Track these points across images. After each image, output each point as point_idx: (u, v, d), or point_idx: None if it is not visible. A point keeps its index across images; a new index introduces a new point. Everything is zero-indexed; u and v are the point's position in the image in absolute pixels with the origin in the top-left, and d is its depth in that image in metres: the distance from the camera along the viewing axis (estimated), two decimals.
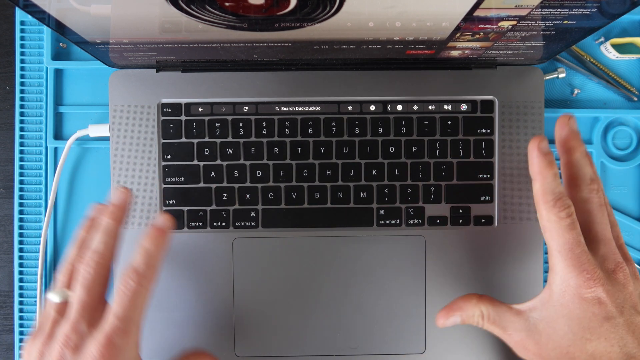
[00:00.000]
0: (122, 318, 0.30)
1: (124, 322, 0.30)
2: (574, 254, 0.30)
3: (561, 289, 0.31)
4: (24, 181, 0.45)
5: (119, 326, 0.29)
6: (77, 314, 0.31)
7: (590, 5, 0.29)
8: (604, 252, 0.31)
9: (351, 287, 0.41)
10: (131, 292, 0.30)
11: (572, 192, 0.33)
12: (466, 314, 0.34)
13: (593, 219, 0.32)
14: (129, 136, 0.41)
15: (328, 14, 0.30)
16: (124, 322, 0.30)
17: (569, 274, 0.30)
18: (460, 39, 0.35)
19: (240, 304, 0.41)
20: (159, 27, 0.32)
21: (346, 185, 0.42)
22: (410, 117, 0.42)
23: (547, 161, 0.32)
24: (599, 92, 0.46)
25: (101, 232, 0.33)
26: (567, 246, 0.30)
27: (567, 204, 0.31)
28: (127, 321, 0.30)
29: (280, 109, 0.42)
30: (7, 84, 0.46)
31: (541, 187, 0.32)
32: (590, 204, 0.32)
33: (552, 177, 0.32)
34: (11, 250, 0.45)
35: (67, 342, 0.30)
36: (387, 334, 0.41)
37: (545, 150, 0.33)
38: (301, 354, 0.41)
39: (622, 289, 0.30)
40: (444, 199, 0.42)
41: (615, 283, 0.30)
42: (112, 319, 0.30)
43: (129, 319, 0.30)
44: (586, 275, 0.30)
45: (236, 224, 0.41)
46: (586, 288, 0.30)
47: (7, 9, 0.46)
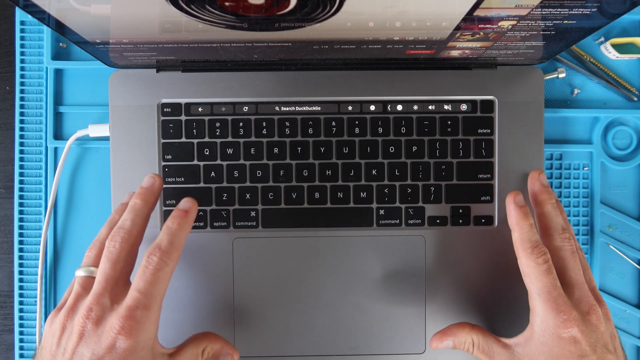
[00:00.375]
0: (144, 292, 0.31)
1: (146, 296, 0.31)
2: (552, 297, 0.33)
3: (541, 328, 0.33)
4: (24, 181, 0.45)
5: (140, 300, 0.30)
6: (100, 287, 0.32)
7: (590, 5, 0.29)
8: (578, 295, 0.34)
9: (351, 287, 0.41)
10: (154, 268, 0.31)
11: (546, 240, 0.36)
12: (458, 340, 0.36)
13: (567, 265, 0.35)
14: (129, 136, 0.41)
15: (328, 13, 0.30)
16: (146, 296, 0.31)
17: (547, 315, 0.33)
18: (460, 39, 0.35)
19: (240, 304, 0.41)
20: (159, 27, 0.32)
21: (346, 185, 0.41)
22: (410, 117, 0.42)
23: (523, 213, 0.36)
24: (599, 92, 0.46)
25: (129, 211, 0.34)
26: (545, 289, 0.33)
27: (544, 251, 0.34)
28: (148, 296, 0.31)
29: (280, 109, 0.42)
30: (7, 84, 0.46)
31: (519, 237, 0.35)
32: (564, 252, 0.35)
33: (529, 227, 0.35)
34: (11, 250, 0.45)
35: (89, 314, 0.31)
36: (387, 334, 0.41)
37: (521, 203, 0.37)
38: (301, 354, 0.41)
39: (595, 329, 0.33)
40: (444, 199, 0.42)
41: (589, 324, 0.33)
42: (134, 293, 0.31)
43: (150, 294, 0.31)
44: (563, 316, 0.32)
45: (236, 224, 0.41)
46: (563, 328, 0.32)
47: (7, 9, 0.46)
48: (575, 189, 0.45)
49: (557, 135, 0.45)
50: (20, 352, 0.44)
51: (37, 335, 0.44)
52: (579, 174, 0.45)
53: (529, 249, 0.34)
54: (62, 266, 0.45)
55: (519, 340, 0.35)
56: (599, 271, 0.45)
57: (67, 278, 0.45)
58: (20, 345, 0.44)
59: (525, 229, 0.35)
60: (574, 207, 0.45)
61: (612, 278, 0.45)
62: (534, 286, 0.34)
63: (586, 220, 0.45)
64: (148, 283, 0.31)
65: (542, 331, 0.33)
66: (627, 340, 0.45)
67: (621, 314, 0.45)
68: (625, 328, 0.45)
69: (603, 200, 0.45)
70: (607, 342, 0.33)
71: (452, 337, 0.37)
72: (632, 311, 0.45)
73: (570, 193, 0.45)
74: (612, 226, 0.45)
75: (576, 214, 0.45)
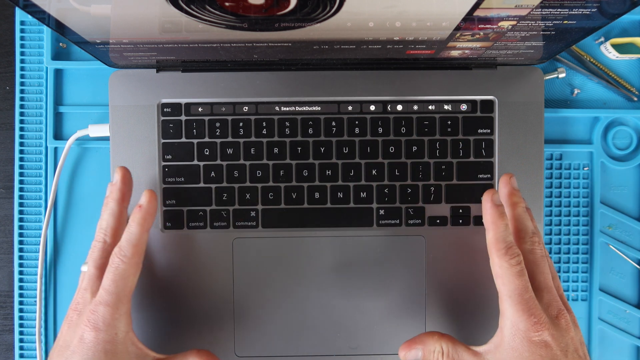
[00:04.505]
0: (107, 290, 0.34)
1: (109, 293, 0.34)
2: (523, 299, 0.32)
3: (511, 332, 0.33)
4: (24, 181, 0.45)
5: (103, 297, 0.34)
6: (85, 283, 0.35)
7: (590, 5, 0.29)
8: (547, 299, 0.34)
9: (351, 287, 0.41)
10: (115, 268, 0.34)
11: (517, 243, 0.36)
12: (427, 349, 0.35)
13: (537, 268, 0.35)
14: (129, 136, 0.41)
15: (328, 14, 0.30)
16: (109, 293, 0.34)
17: (518, 318, 0.32)
18: (460, 39, 0.35)
19: (240, 304, 0.41)
20: (159, 27, 0.32)
21: (346, 185, 0.42)
22: (410, 117, 0.42)
23: (499, 212, 0.35)
24: (599, 92, 0.46)
25: (105, 212, 0.37)
26: (517, 291, 0.33)
27: (517, 253, 0.34)
28: (111, 293, 0.34)
29: (280, 109, 0.42)
30: (7, 84, 0.46)
31: (494, 236, 0.34)
32: (534, 255, 0.35)
33: (504, 227, 0.35)
34: (11, 250, 0.45)
35: (76, 307, 0.35)
36: (387, 334, 0.41)
37: (498, 202, 0.36)
38: (301, 354, 0.41)
39: (565, 334, 0.32)
40: (444, 199, 0.42)
41: (559, 328, 0.33)
42: (100, 291, 0.34)
43: (112, 292, 0.34)
44: (534, 319, 0.32)
45: (236, 224, 0.41)
46: (534, 331, 0.32)
47: (7, 9, 0.46)
48: (575, 189, 0.45)
49: (557, 135, 0.45)
50: (20, 352, 0.44)
51: (37, 335, 0.44)
52: (579, 174, 0.45)
53: (503, 250, 0.34)
54: (62, 266, 0.45)
55: (489, 348, 0.34)
56: (599, 271, 0.45)
57: (66, 278, 0.45)
58: (20, 345, 0.44)
59: (501, 228, 0.34)
60: (574, 207, 0.45)
61: (612, 278, 0.45)
62: (505, 288, 0.33)
63: (586, 220, 0.45)
64: (110, 281, 0.34)
65: (512, 335, 0.32)
66: (627, 340, 0.45)
67: (621, 314, 0.45)
68: (625, 328, 0.45)
69: (603, 200, 0.45)
70: (578, 348, 0.33)
71: (421, 345, 0.35)
72: (632, 311, 0.45)
73: (570, 193, 0.45)
74: (612, 226, 0.45)
75: (576, 214, 0.45)
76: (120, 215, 0.37)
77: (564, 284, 0.45)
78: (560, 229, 0.45)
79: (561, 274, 0.45)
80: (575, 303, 0.45)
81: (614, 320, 0.45)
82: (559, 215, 0.45)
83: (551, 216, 0.45)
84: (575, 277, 0.45)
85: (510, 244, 0.34)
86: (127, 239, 0.35)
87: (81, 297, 0.35)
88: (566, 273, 0.45)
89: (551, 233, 0.45)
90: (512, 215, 0.37)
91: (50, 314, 0.44)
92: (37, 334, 0.44)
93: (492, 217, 0.35)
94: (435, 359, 0.35)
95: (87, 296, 0.35)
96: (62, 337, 0.34)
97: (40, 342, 0.44)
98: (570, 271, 0.45)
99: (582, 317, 0.45)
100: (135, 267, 0.35)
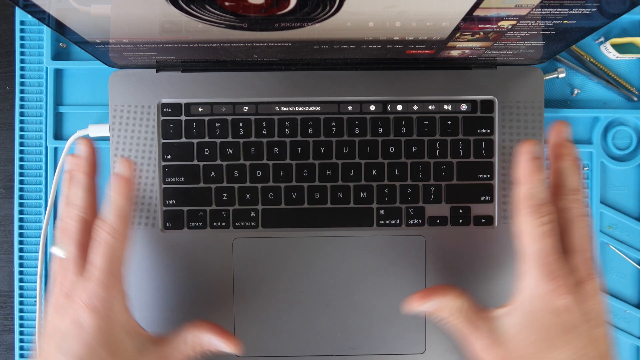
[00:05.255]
0: (101, 268, 0.32)
1: (103, 272, 0.32)
2: (546, 262, 0.30)
3: (530, 295, 0.31)
4: (24, 181, 0.45)
5: (98, 276, 0.32)
6: (68, 264, 0.33)
7: (590, 5, 0.29)
8: (576, 262, 0.31)
9: (351, 287, 0.41)
10: (108, 245, 0.32)
11: (554, 199, 0.33)
12: (446, 302, 0.33)
13: (571, 228, 0.32)
14: (129, 136, 0.41)
15: (328, 13, 0.30)
16: (103, 272, 0.32)
17: (538, 281, 0.30)
18: (460, 39, 0.35)
19: (240, 304, 0.41)
20: (159, 27, 0.32)
21: (346, 185, 0.42)
22: (410, 117, 0.42)
23: (537, 165, 0.32)
24: (599, 92, 0.46)
25: (78, 188, 0.35)
26: (541, 252, 0.31)
27: (547, 211, 0.31)
28: (105, 271, 0.32)
29: (280, 109, 0.42)
30: (7, 84, 0.46)
31: (524, 192, 0.32)
32: (570, 213, 0.32)
33: (538, 182, 0.32)
34: (11, 250, 0.45)
35: (61, 289, 0.32)
36: (387, 334, 0.41)
37: (538, 154, 0.32)
38: (301, 354, 0.41)
39: (589, 300, 0.31)
40: (444, 199, 0.42)
41: (583, 293, 0.31)
42: (92, 270, 0.32)
43: (107, 270, 0.32)
44: (556, 282, 0.30)
45: (236, 224, 0.41)
46: (556, 296, 0.30)
47: (7, 9, 0.46)
48: None
49: None
50: (20, 352, 0.44)
51: (37, 335, 0.44)
52: None
53: (531, 207, 0.31)
54: None
55: (506, 310, 0.32)
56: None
57: None
58: (20, 345, 0.44)
59: (534, 183, 0.32)
60: None
61: (612, 278, 0.45)
62: (529, 248, 0.31)
63: None
64: (102, 258, 0.32)
65: (531, 298, 0.31)
66: (627, 340, 0.45)
67: (621, 314, 0.45)
68: (625, 328, 0.45)
69: (603, 200, 0.45)
70: (599, 315, 0.31)
71: (440, 297, 0.33)
72: (632, 311, 0.45)
73: None
74: (612, 226, 0.45)
75: None
76: (93, 190, 0.35)
77: None
78: None
79: None
80: None
81: (614, 320, 0.45)
82: None
83: None
84: None
85: (541, 202, 0.31)
86: (115, 213, 0.33)
87: (65, 278, 0.32)
88: None
89: None
90: (556, 168, 0.34)
91: None
92: (37, 334, 0.44)
93: (527, 170, 0.32)
94: (449, 315, 0.33)
95: (71, 277, 0.32)
96: (50, 322, 0.32)
97: None
98: None
99: None
100: (125, 241, 0.33)
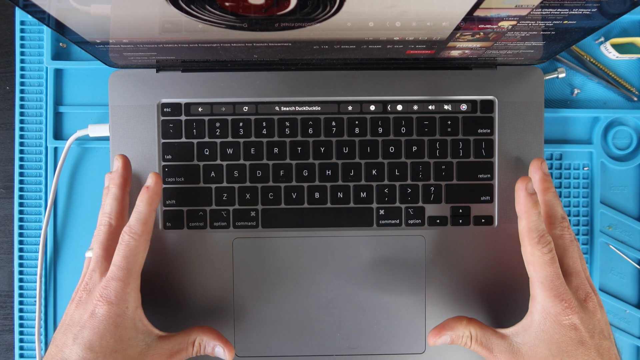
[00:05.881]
0: (119, 266, 0.35)
1: (120, 269, 0.35)
2: (554, 285, 0.34)
3: (542, 316, 0.34)
4: (24, 181, 0.45)
5: (115, 272, 0.35)
6: (93, 264, 0.36)
7: (590, 5, 0.29)
8: (576, 283, 0.35)
9: (351, 287, 0.41)
10: (126, 244, 0.35)
11: (547, 228, 0.37)
12: (456, 334, 0.36)
13: (566, 253, 0.36)
14: (129, 136, 0.41)
15: (328, 14, 0.30)
16: (120, 269, 0.35)
17: (549, 303, 0.34)
18: (460, 39, 0.35)
19: (240, 304, 0.41)
20: (159, 27, 0.32)
21: (346, 185, 0.41)
22: (410, 117, 0.42)
23: (533, 201, 0.36)
24: (599, 92, 0.46)
25: (108, 197, 0.38)
26: (548, 278, 0.34)
27: (549, 241, 0.35)
28: (122, 269, 0.35)
29: (280, 109, 0.42)
30: (7, 84, 0.46)
31: (527, 225, 0.35)
32: (563, 240, 0.36)
33: (537, 215, 0.36)
34: (11, 250, 0.45)
35: (85, 287, 0.36)
36: (387, 334, 0.41)
37: (531, 190, 0.36)
38: (301, 354, 0.41)
39: (592, 316, 0.34)
40: (444, 199, 0.42)
41: (587, 311, 0.34)
42: (112, 267, 0.35)
43: (123, 267, 0.35)
44: (564, 304, 0.33)
45: (236, 224, 0.41)
46: (564, 315, 0.33)
47: (7, 9, 0.46)
48: (575, 189, 0.45)
49: (557, 135, 0.45)
50: (20, 352, 0.44)
51: (36, 335, 0.44)
52: (579, 174, 0.45)
53: (536, 238, 0.35)
54: (62, 266, 0.45)
55: (517, 330, 0.35)
56: (599, 271, 0.45)
57: (66, 277, 0.45)
58: (20, 345, 0.44)
59: (534, 217, 0.35)
60: (574, 207, 0.45)
61: (612, 278, 0.45)
62: (537, 275, 0.34)
63: (586, 220, 0.45)
64: (122, 257, 0.35)
65: (542, 319, 0.34)
66: (627, 340, 0.45)
67: (621, 314, 0.45)
68: (625, 328, 0.45)
69: (603, 200, 0.45)
70: (603, 329, 0.34)
71: (449, 331, 0.36)
72: (632, 311, 0.45)
73: (570, 193, 0.45)
74: (612, 226, 0.45)
75: (576, 214, 0.45)
76: (123, 200, 0.38)
77: None
78: None
79: None
80: None
81: (614, 320, 0.45)
82: None
83: None
84: None
85: (543, 233, 0.35)
86: (136, 217, 0.36)
87: (89, 277, 0.36)
88: None
89: None
90: (543, 201, 0.38)
91: (50, 314, 0.44)
92: (36, 334, 0.44)
93: (526, 206, 0.36)
94: (464, 344, 0.36)
95: (95, 277, 0.36)
96: (69, 316, 0.35)
97: (40, 342, 0.44)
98: None
99: None
100: (145, 245, 0.36)
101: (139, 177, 0.41)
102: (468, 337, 0.36)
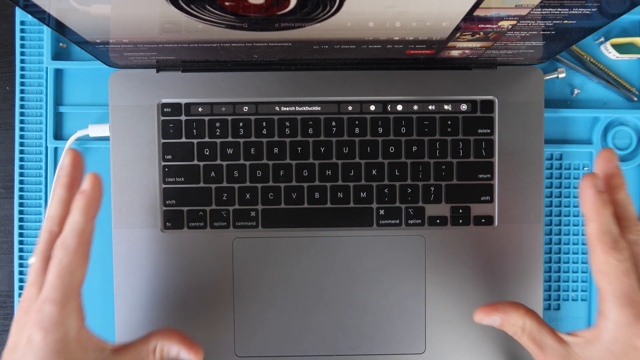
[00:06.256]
0: (53, 286, 0.30)
1: (55, 290, 0.30)
2: (631, 301, 0.29)
3: (613, 336, 0.30)
4: (24, 181, 0.45)
5: (50, 294, 0.30)
6: (31, 277, 0.32)
7: (590, 5, 0.29)
8: None
9: (351, 287, 0.41)
10: (60, 263, 0.31)
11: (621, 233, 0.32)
12: (509, 320, 0.33)
13: None
14: (129, 136, 0.41)
15: (328, 13, 0.30)
16: (55, 290, 0.30)
17: (624, 322, 0.29)
18: (460, 39, 0.35)
19: (240, 304, 0.41)
20: (159, 27, 0.32)
21: (346, 185, 0.42)
22: (410, 117, 0.42)
23: (603, 200, 0.31)
24: (599, 92, 0.46)
25: (53, 199, 0.34)
26: (624, 292, 0.29)
27: (624, 246, 0.30)
28: (57, 289, 0.30)
29: (280, 109, 0.42)
30: (7, 84, 0.46)
31: (598, 229, 0.31)
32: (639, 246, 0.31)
33: (608, 217, 0.31)
34: (11, 250, 0.45)
35: (21, 304, 0.32)
36: (387, 334, 0.41)
37: (601, 188, 0.31)
38: (301, 354, 0.41)
39: None
40: (444, 199, 0.42)
41: None
42: (45, 287, 0.31)
43: (58, 288, 0.30)
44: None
45: (236, 224, 0.41)
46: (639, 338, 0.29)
47: (7, 9, 0.46)
48: (575, 189, 0.45)
49: (557, 135, 0.45)
50: None
51: None
52: (579, 174, 0.45)
53: (609, 244, 0.30)
54: None
55: (579, 341, 0.31)
56: None
57: None
58: None
59: (605, 219, 0.30)
60: (574, 207, 0.45)
61: None
62: (611, 287, 0.30)
63: None
64: (55, 276, 0.31)
65: (613, 339, 0.29)
66: None
67: None
68: None
69: None
70: None
71: (502, 314, 0.33)
72: None
73: (570, 193, 0.45)
74: None
75: (576, 214, 0.45)
76: (69, 203, 0.33)
77: (564, 283, 0.45)
78: (560, 229, 0.45)
79: (561, 274, 0.45)
80: (575, 303, 0.45)
81: None
82: (559, 215, 0.45)
83: (551, 216, 0.45)
84: (575, 277, 0.45)
85: (617, 237, 0.30)
86: (70, 228, 0.32)
87: (27, 293, 0.32)
88: (566, 273, 0.45)
89: (551, 233, 0.45)
90: (613, 200, 0.32)
91: None
92: None
93: (595, 206, 0.31)
94: (513, 333, 0.33)
95: (33, 292, 0.31)
96: (12, 339, 0.31)
97: None
98: (570, 271, 0.45)
99: (582, 317, 0.45)
100: (82, 259, 0.32)
101: (139, 179, 0.41)
102: (521, 327, 0.32)
